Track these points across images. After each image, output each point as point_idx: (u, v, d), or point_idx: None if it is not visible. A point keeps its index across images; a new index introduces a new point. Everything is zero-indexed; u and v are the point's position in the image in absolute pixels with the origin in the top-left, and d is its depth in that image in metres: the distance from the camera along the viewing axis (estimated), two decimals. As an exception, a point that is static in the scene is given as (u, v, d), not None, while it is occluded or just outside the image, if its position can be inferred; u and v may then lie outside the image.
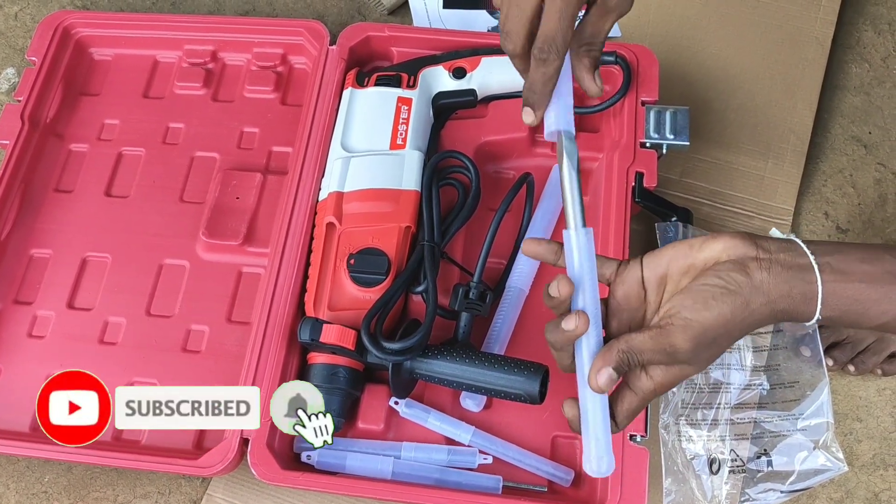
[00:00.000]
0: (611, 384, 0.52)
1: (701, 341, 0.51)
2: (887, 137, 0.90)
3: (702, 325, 0.51)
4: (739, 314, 0.51)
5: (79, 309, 0.79)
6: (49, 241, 0.83)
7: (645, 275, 0.55)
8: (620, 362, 0.52)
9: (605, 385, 0.52)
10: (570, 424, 0.55)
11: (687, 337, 0.51)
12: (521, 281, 0.76)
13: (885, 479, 0.76)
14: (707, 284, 0.51)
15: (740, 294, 0.51)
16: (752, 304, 0.51)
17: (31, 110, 0.85)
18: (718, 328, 0.51)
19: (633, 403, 0.54)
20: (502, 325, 0.74)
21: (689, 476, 0.72)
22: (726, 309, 0.50)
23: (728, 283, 0.51)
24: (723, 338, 0.52)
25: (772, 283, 0.51)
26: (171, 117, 0.88)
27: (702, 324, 0.51)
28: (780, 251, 0.52)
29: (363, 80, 0.82)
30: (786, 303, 0.51)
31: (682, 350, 0.51)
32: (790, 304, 0.51)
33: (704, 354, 0.52)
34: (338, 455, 0.70)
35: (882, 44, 0.96)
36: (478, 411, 0.72)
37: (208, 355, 0.76)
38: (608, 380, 0.52)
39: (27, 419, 0.74)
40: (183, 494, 0.76)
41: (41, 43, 0.88)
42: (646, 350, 0.52)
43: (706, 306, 0.50)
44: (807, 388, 0.75)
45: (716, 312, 0.50)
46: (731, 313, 0.51)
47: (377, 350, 0.67)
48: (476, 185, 0.77)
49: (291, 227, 0.76)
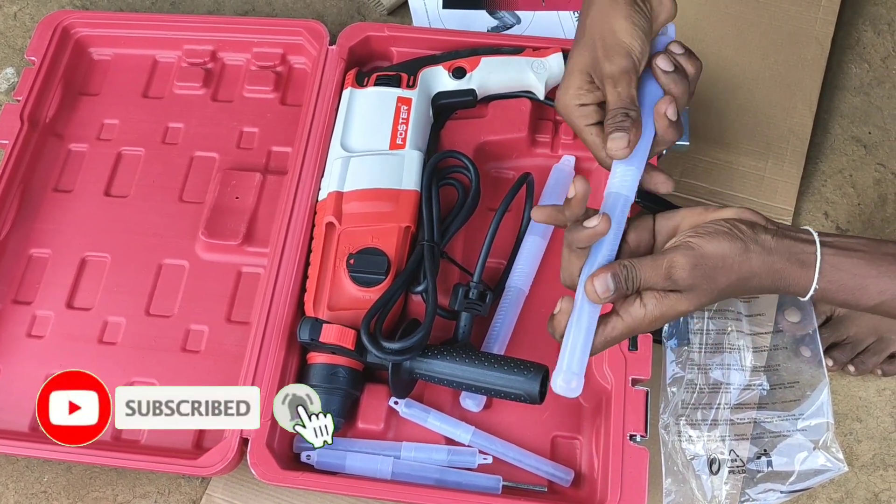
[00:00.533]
0: (604, 293, 0.54)
1: (698, 268, 0.53)
2: (887, 138, 0.90)
3: (701, 253, 0.53)
4: (738, 256, 0.54)
5: (78, 309, 0.79)
6: (48, 240, 0.83)
7: (657, 225, 0.58)
8: (619, 273, 0.54)
9: (600, 290, 0.54)
10: (553, 327, 0.57)
11: (686, 261, 0.53)
12: (520, 281, 0.76)
13: (884, 480, 0.76)
14: (712, 224, 0.55)
15: (742, 240, 0.54)
16: (751, 252, 0.54)
17: (31, 110, 0.85)
18: (717, 260, 0.54)
19: (616, 329, 0.55)
20: (502, 324, 0.74)
21: (689, 476, 0.72)
22: (726, 245, 0.54)
23: (732, 227, 0.55)
24: (720, 273, 0.54)
25: (773, 244, 0.55)
26: (171, 117, 0.88)
27: (701, 251, 0.53)
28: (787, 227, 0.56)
29: (363, 80, 0.82)
30: (783, 264, 0.54)
31: (679, 272, 0.53)
32: (788, 267, 0.54)
33: (701, 285, 0.54)
34: (337, 455, 0.70)
35: (882, 44, 0.96)
36: (477, 411, 0.72)
37: (208, 355, 0.76)
38: (604, 286, 0.54)
39: (26, 419, 0.74)
40: (182, 494, 0.75)
41: (40, 43, 0.88)
42: (645, 267, 0.54)
43: (708, 239, 0.54)
44: (807, 388, 0.75)
45: (715, 245, 0.54)
46: (731, 251, 0.54)
47: (377, 350, 0.67)
48: (476, 184, 0.77)
49: (291, 226, 0.76)
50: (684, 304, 0.55)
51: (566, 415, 0.73)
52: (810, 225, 0.85)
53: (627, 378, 0.68)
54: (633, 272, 0.54)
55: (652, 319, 0.55)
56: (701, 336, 0.75)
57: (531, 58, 0.81)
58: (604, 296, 0.54)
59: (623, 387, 0.67)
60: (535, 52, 0.81)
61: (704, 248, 0.54)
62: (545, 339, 0.75)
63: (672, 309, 0.55)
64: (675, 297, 0.55)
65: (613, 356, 0.68)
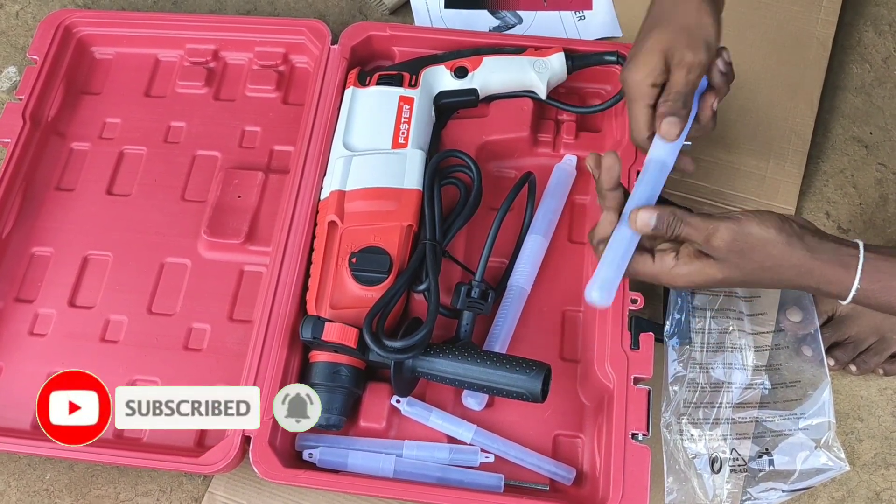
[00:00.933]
0: (643, 227, 0.59)
1: (736, 242, 0.57)
2: (888, 138, 0.91)
3: (744, 230, 0.57)
4: (779, 245, 0.57)
5: (80, 307, 0.79)
6: (50, 239, 0.83)
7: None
8: (665, 215, 0.58)
9: (641, 222, 0.58)
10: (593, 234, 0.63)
11: (727, 232, 0.57)
12: (522, 280, 0.76)
13: (886, 479, 0.76)
14: (768, 211, 0.58)
15: (787, 233, 0.57)
16: (794, 246, 0.57)
17: (33, 109, 0.85)
18: (756, 241, 0.57)
19: (645, 266, 0.60)
20: (503, 323, 0.74)
21: (691, 475, 0.72)
22: (771, 231, 0.57)
23: (783, 221, 0.58)
24: (756, 254, 0.57)
25: (816, 244, 0.58)
26: (173, 116, 0.88)
27: (745, 228, 0.57)
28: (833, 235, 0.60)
29: (365, 80, 0.82)
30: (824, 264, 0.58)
31: (717, 240, 0.57)
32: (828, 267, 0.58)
33: (732, 259, 0.58)
34: (340, 453, 0.70)
35: (883, 44, 0.96)
36: (479, 410, 0.73)
37: (210, 354, 0.76)
38: (645, 221, 0.58)
39: (28, 417, 0.74)
40: (184, 492, 0.75)
41: (42, 42, 0.88)
42: (691, 224, 0.58)
43: (756, 221, 0.57)
44: (808, 387, 0.75)
45: (761, 228, 0.57)
46: (773, 238, 0.57)
47: (379, 348, 0.67)
48: (478, 183, 0.77)
49: (293, 225, 0.76)
50: (713, 270, 0.59)
51: (568, 413, 0.73)
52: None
53: (629, 377, 0.68)
54: (678, 223, 0.58)
55: (679, 274, 0.59)
56: (703, 335, 0.75)
57: (533, 57, 0.81)
58: (642, 229, 0.58)
59: (625, 385, 0.68)
60: (537, 52, 0.81)
61: (749, 227, 0.57)
62: (547, 337, 0.76)
63: (701, 272, 0.59)
64: (706, 262, 0.58)
65: (615, 355, 0.68)
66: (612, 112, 0.81)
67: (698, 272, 0.59)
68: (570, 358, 0.75)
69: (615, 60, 0.80)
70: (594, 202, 0.80)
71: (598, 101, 0.84)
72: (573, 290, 0.78)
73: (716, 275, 0.59)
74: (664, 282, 0.61)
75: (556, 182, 0.81)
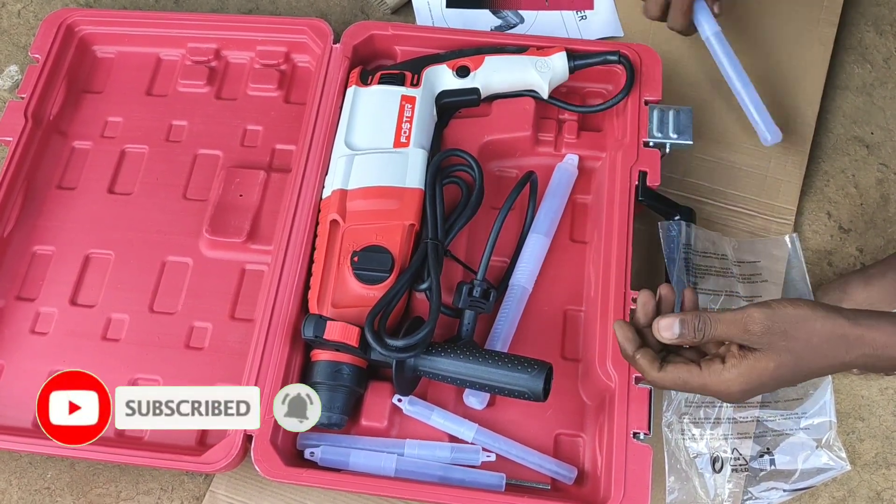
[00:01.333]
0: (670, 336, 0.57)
1: (775, 324, 0.55)
2: (889, 138, 0.91)
3: (778, 312, 0.55)
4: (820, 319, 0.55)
5: (81, 306, 0.79)
6: (52, 237, 0.83)
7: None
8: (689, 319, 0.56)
9: (665, 332, 0.57)
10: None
11: (761, 315, 0.55)
12: (524, 279, 0.76)
13: (887, 478, 0.76)
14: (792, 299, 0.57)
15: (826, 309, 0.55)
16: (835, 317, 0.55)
17: (35, 107, 0.85)
18: (793, 318, 0.55)
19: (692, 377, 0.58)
20: (505, 322, 0.74)
21: (693, 474, 0.72)
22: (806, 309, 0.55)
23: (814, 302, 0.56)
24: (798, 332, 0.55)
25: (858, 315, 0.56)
26: (175, 115, 0.88)
27: (779, 309, 0.55)
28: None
29: (367, 79, 0.82)
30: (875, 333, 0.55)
31: (754, 325, 0.55)
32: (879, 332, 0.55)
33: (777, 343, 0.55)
34: (341, 452, 0.70)
35: (884, 45, 0.96)
36: (481, 409, 0.73)
37: (211, 352, 0.76)
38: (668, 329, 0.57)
39: (29, 416, 0.74)
40: (186, 491, 0.75)
41: (44, 40, 0.88)
42: (721, 318, 0.56)
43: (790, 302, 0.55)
44: (809, 387, 0.75)
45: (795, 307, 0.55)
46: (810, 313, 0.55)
47: (381, 347, 0.67)
48: (479, 183, 0.77)
49: (295, 224, 0.76)
50: (762, 362, 0.56)
51: (569, 413, 0.73)
52: (812, 224, 0.86)
53: (631, 376, 0.68)
54: (706, 324, 0.56)
55: (730, 379, 0.57)
56: (704, 336, 0.75)
57: (535, 57, 0.81)
58: (669, 339, 0.57)
59: (627, 385, 0.68)
60: (539, 52, 0.81)
61: (782, 307, 0.55)
62: (548, 337, 0.76)
63: (752, 368, 0.56)
64: (754, 356, 0.56)
65: (617, 354, 0.68)
66: (614, 111, 0.81)
67: (749, 369, 0.56)
68: (571, 357, 0.75)
69: (617, 60, 0.80)
70: (596, 201, 0.80)
71: (600, 100, 0.84)
72: (574, 289, 0.78)
73: (767, 365, 0.56)
74: (718, 393, 0.58)
75: (557, 181, 0.81)
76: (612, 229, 0.74)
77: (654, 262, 0.79)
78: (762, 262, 0.81)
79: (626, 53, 0.80)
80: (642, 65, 0.81)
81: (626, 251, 0.72)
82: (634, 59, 0.81)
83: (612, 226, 0.74)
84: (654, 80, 0.80)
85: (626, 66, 0.80)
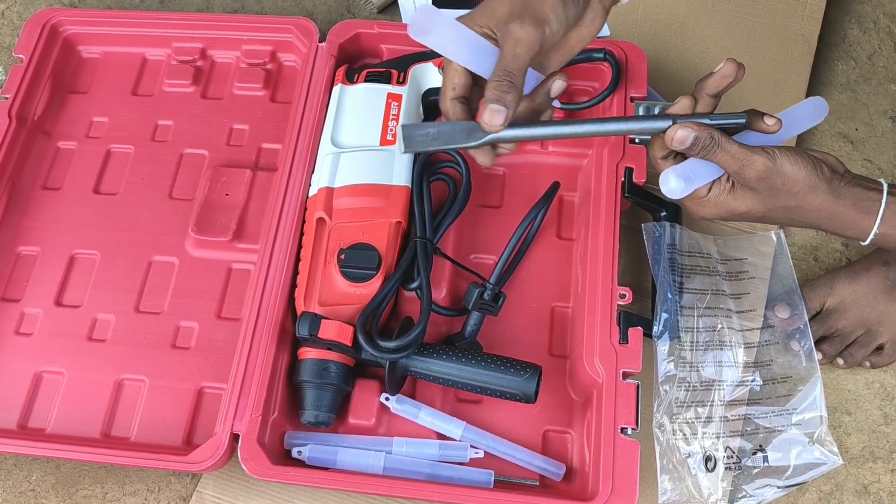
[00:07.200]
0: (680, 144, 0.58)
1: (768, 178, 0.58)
2: (873, 133, 0.91)
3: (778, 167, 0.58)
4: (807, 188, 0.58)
5: (67, 306, 0.79)
6: (37, 238, 0.82)
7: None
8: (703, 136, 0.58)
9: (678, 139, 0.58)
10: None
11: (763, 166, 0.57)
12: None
13: (874, 472, 0.76)
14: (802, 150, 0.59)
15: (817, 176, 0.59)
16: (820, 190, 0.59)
17: (19, 107, 0.84)
18: (787, 180, 0.58)
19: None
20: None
21: (685, 474, 0.71)
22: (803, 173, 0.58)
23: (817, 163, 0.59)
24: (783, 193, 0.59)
25: (843, 190, 0.59)
26: (160, 115, 0.88)
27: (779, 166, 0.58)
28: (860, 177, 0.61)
29: (353, 77, 0.82)
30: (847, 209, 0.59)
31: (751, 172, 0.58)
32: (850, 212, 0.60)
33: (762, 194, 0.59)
34: (329, 450, 0.69)
35: (868, 41, 0.97)
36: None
37: (198, 352, 0.76)
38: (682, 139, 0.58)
39: (14, 417, 0.74)
40: (172, 491, 0.75)
41: (29, 40, 0.88)
42: (728, 148, 0.58)
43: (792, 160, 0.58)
44: (799, 382, 0.75)
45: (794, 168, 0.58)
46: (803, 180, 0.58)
47: (373, 349, 0.67)
48: (467, 179, 0.77)
49: (281, 223, 0.75)
50: (737, 202, 0.60)
51: (557, 409, 0.73)
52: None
53: (618, 371, 0.68)
54: (714, 146, 0.58)
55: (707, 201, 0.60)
56: (692, 334, 0.75)
57: (521, 54, 0.81)
58: (678, 146, 0.58)
59: (614, 380, 0.68)
60: (525, 49, 0.81)
61: (783, 165, 0.58)
62: (536, 334, 0.76)
63: (726, 203, 0.60)
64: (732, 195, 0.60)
65: (604, 349, 0.68)
66: (600, 108, 0.82)
67: (724, 203, 0.60)
68: (558, 354, 0.75)
69: (603, 57, 0.80)
70: (583, 198, 0.80)
71: (586, 97, 0.83)
72: (562, 286, 0.78)
73: (739, 206, 0.60)
74: (690, 206, 0.62)
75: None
76: (599, 226, 0.74)
77: (642, 258, 0.79)
78: (749, 259, 0.81)
79: (611, 51, 0.80)
80: (628, 62, 0.81)
81: (612, 248, 0.72)
82: (620, 56, 0.81)
83: (599, 222, 0.74)
84: (639, 77, 0.80)
85: (612, 64, 0.80)
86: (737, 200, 0.60)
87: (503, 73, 0.57)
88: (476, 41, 0.58)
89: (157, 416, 0.73)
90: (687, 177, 0.59)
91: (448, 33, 0.57)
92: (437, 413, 0.71)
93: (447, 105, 0.61)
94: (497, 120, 0.57)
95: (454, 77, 0.60)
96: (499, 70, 0.57)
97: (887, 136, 0.91)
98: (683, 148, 0.58)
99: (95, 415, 0.73)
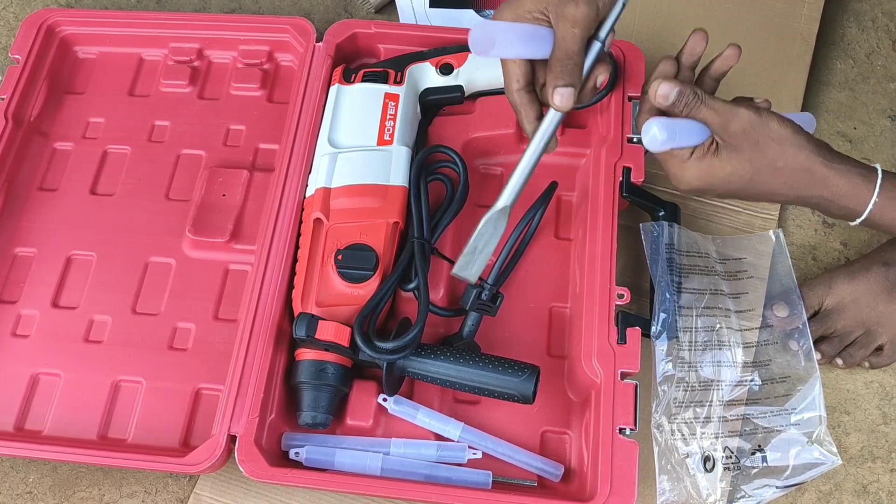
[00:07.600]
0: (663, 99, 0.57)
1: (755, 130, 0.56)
2: (872, 132, 0.91)
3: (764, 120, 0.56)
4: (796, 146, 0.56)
5: (63, 307, 0.79)
6: (33, 239, 0.82)
7: None
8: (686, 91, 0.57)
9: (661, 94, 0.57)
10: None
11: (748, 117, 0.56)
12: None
13: (873, 472, 0.76)
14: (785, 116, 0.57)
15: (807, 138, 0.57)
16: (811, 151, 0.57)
17: (15, 108, 0.84)
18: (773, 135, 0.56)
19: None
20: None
21: (684, 474, 0.71)
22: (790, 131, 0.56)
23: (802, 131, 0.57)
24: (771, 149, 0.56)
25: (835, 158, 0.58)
26: (157, 115, 0.88)
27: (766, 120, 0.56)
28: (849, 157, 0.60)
29: (350, 77, 0.82)
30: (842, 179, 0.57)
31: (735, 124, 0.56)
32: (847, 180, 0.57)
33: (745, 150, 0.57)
34: (326, 452, 0.69)
35: (866, 40, 0.97)
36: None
37: (195, 353, 0.76)
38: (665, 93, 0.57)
39: (11, 418, 0.73)
40: (170, 493, 0.75)
41: (25, 41, 0.87)
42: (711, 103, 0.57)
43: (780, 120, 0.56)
44: (798, 382, 0.75)
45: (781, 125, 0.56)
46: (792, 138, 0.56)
47: (371, 350, 0.67)
48: (464, 179, 0.77)
49: (278, 223, 0.75)
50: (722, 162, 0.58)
51: (555, 410, 0.73)
52: (796, 219, 0.86)
53: (616, 371, 0.68)
54: (697, 102, 0.57)
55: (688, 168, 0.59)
56: (690, 333, 0.75)
57: (518, 54, 0.81)
58: (660, 101, 0.57)
59: (612, 381, 0.67)
60: (523, 49, 0.81)
61: (769, 120, 0.56)
62: (534, 334, 0.76)
63: (710, 167, 0.58)
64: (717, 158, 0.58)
65: (602, 350, 0.68)
66: (598, 108, 0.81)
67: (708, 167, 0.59)
68: (557, 354, 0.75)
69: (600, 57, 0.80)
70: (581, 198, 0.80)
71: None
72: (560, 286, 0.78)
73: (724, 167, 0.58)
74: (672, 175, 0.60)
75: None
76: (597, 226, 0.73)
77: (640, 257, 0.79)
78: (747, 258, 0.81)
79: (609, 50, 0.80)
80: (626, 61, 0.81)
81: (610, 247, 0.72)
82: (618, 55, 0.81)
83: (597, 222, 0.74)
84: (637, 76, 0.80)
85: (610, 63, 0.80)
86: (721, 161, 0.58)
87: (565, 56, 0.58)
88: (530, 31, 0.59)
89: (154, 417, 0.73)
90: (671, 130, 0.58)
91: (508, 38, 0.58)
92: (434, 414, 0.71)
93: (514, 97, 0.63)
94: (567, 102, 0.59)
95: (514, 70, 0.61)
96: (560, 54, 0.59)
97: (886, 135, 0.91)
98: (667, 104, 0.57)
99: (92, 416, 0.73)
